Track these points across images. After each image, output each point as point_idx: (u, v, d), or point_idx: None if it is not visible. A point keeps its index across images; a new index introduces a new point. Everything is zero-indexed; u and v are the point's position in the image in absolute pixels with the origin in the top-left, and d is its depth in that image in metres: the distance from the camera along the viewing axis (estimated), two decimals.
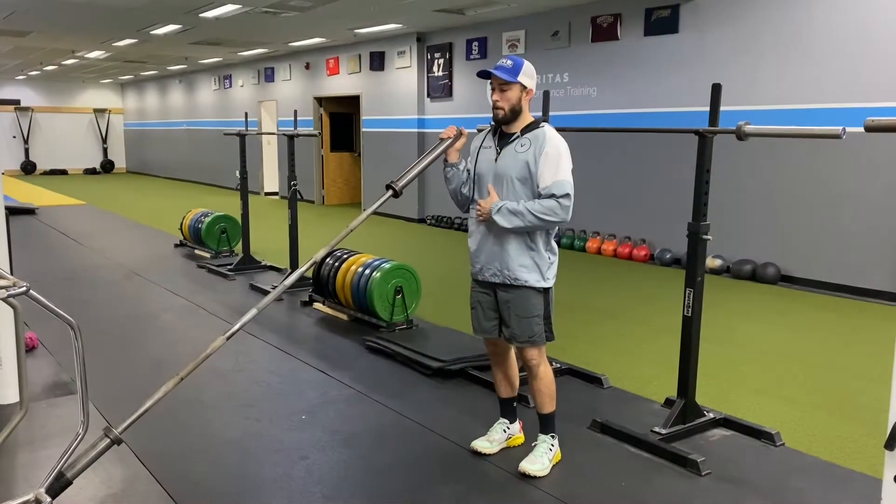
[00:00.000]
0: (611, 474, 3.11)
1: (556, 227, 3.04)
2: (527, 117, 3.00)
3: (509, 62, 2.95)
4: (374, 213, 2.82)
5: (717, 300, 6.11)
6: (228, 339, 2.41)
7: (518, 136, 2.97)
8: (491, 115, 3.02)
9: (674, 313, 4.62)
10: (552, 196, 2.86)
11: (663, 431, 3.35)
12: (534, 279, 2.99)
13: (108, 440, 2.29)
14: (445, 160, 3.09)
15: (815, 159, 6.64)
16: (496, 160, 2.99)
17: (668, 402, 3.76)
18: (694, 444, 3.36)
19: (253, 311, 2.45)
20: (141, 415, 2.30)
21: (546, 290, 3.04)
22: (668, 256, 7.83)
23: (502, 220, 2.89)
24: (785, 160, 6.86)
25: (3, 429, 2.08)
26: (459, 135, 3.06)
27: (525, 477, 3.03)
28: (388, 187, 2.86)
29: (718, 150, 3.45)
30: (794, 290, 6.73)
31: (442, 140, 3.05)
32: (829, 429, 3.61)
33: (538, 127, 2.98)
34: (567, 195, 2.87)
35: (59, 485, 2.13)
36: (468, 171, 3.11)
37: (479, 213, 2.99)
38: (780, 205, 6.94)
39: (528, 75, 2.95)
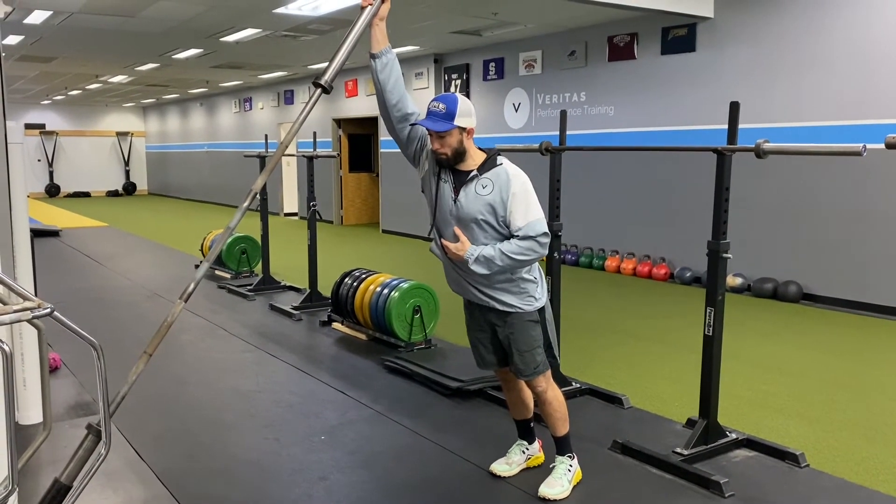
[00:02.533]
0: (632, 496, 3.07)
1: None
2: (476, 154, 2.85)
3: (441, 106, 2.73)
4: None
5: (739, 319, 6.05)
6: (186, 300, 2.40)
7: (477, 176, 2.80)
8: (506, 135, 2.97)
9: (694, 332, 4.58)
10: (528, 237, 2.75)
11: (685, 452, 3.31)
12: (525, 304, 2.92)
13: (93, 436, 2.28)
14: (371, 53, 2.81)
15: (836, 176, 6.59)
16: (455, 202, 2.82)
17: (690, 423, 3.72)
18: (717, 465, 3.31)
19: (205, 265, 2.44)
20: (119, 402, 2.30)
21: (541, 314, 2.97)
22: (688, 275, 7.78)
23: (480, 269, 2.77)
24: (805, 177, 6.81)
25: (27, 449, 2.10)
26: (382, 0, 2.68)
27: (545, 501, 3.00)
28: (316, 84, 2.45)
29: (737, 167, 3.44)
30: (817, 308, 6.64)
31: (363, 9, 2.59)
32: (854, 450, 3.55)
33: (496, 164, 2.82)
34: (545, 233, 2.77)
35: (56, 489, 2.11)
36: (419, 140, 2.90)
37: (449, 255, 2.86)
38: (801, 222, 6.88)
39: (465, 114, 2.75)
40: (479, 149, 2.90)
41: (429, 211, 2.97)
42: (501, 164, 2.84)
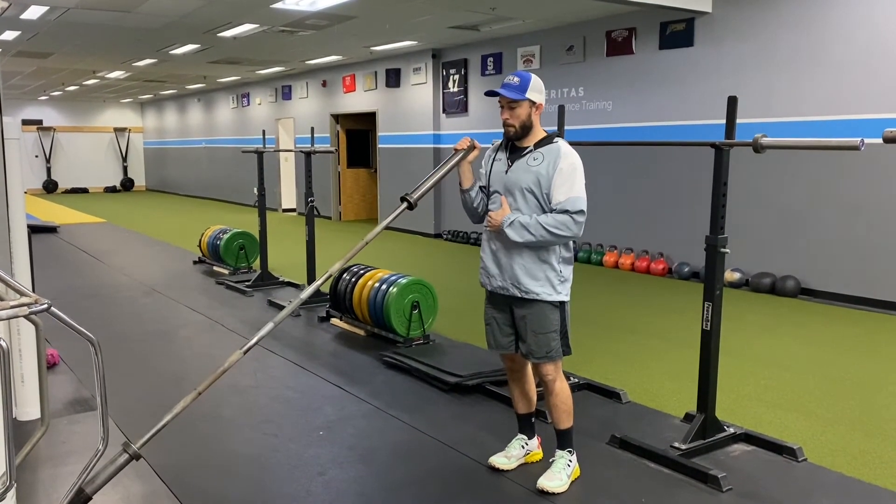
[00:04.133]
0: (630, 490, 3.08)
1: (571, 241, 3.02)
2: (539, 132, 2.99)
3: (516, 79, 2.92)
4: (389, 227, 2.83)
5: (737, 314, 6.06)
6: (245, 353, 2.42)
7: (531, 150, 2.95)
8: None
9: (692, 327, 4.58)
10: (566, 212, 2.85)
11: (683, 447, 3.31)
12: (545, 293, 2.96)
13: (127, 455, 2.31)
14: (460, 186, 3.08)
15: (834, 171, 6.59)
16: (507, 172, 2.98)
17: (688, 417, 3.72)
18: (714, 459, 3.32)
19: (269, 325, 2.46)
20: (159, 430, 2.31)
21: (561, 305, 3.02)
22: (686, 270, 7.78)
23: (514, 234, 2.88)
24: (803, 172, 6.81)
25: (25, 445, 2.10)
26: (473, 147, 3.02)
27: (543, 494, 3.01)
28: (403, 199, 2.88)
29: (735, 162, 3.44)
30: (814, 302, 6.65)
31: (456, 151, 3.03)
32: (852, 444, 3.55)
33: (552, 142, 2.96)
34: (581, 211, 2.86)
35: (79, 500, 2.15)
36: (481, 187, 3.11)
37: (489, 224, 2.99)
38: (799, 217, 6.88)
39: (537, 90, 2.93)
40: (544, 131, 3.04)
41: (485, 202, 3.07)
42: (557, 142, 2.97)
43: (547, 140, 2.97)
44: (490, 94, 3.01)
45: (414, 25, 9.10)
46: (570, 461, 3.11)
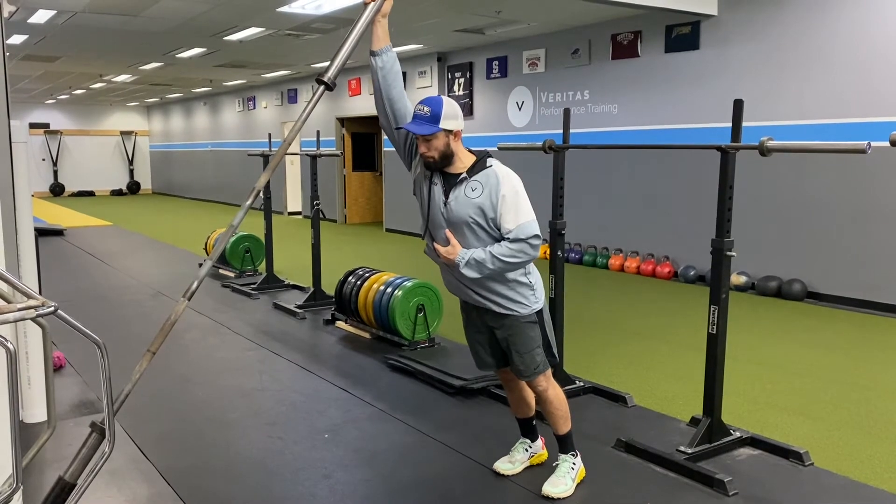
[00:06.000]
0: (636, 494, 3.07)
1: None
2: (465, 156, 2.82)
3: (426, 109, 2.72)
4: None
5: (743, 317, 6.04)
6: (189, 299, 2.39)
7: (466, 179, 2.77)
8: (509, 133, 2.97)
9: (698, 331, 4.58)
10: (519, 239, 2.72)
11: (689, 451, 3.31)
12: (520, 308, 2.90)
13: (97, 435, 2.29)
14: (371, 51, 2.83)
15: (840, 174, 6.57)
16: (445, 205, 2.80)
17: (694, 421, 3.71)
18: (720, 463, 3.31)
19: (208, 264, 2.42)
20: (123, 401, 2.30)
21: (539, 315, 2.95)
22: (691, 273, 7.76)
23: (471, 273, 2.75)
24: (809, 175, 6.79)
25: (31, 447, 2.11)
26: None
27: (549, 500, 3.00)
28: (320, 82, 2.52)
29: (741, 165, 3.43)
30: (821, 306, 6.63)
31: (366, 6, 2.63)
32: (858, 448, 3.54)
33: (486, 165, 2.78)
34: (535, 235, 2.73)
35: (60, 487, 2.12)
36: (412, 143, 2.90)
37: (442, 259, 2.84)
38: (805, 221, 6.86)
39: (451, 117, 2.73)
40: (470, 150, 2.87)
41: (420, 214, 2.95)
42: (491, 165, 2.80)
43: (480, 164, 2.79)
44: (399, 129, 2.87)
45: (419, 29, 9.12)
46: (574, 464, 3.10)
